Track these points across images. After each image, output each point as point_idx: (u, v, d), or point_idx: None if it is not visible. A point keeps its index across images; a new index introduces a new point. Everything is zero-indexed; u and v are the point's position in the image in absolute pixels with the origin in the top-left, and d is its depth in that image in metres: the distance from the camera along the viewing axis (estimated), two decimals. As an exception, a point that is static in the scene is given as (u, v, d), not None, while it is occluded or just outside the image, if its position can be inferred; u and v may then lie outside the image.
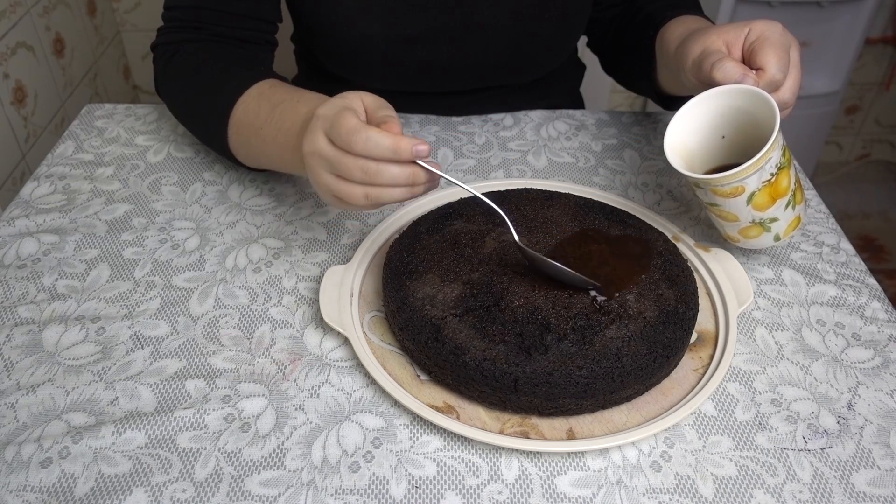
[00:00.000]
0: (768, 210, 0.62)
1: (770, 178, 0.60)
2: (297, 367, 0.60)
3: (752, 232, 0.64)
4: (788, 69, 0.61)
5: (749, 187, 0.60)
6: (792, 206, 0.62)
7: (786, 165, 0.61)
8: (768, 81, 0.61)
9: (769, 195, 0.61)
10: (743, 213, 0.62)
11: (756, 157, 0.58)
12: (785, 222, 0.63)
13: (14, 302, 0.65)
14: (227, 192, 0.78)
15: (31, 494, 0.51)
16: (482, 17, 0.81)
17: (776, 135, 0.58)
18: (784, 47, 0.62)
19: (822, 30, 1.74)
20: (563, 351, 0.54)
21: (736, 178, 0.59)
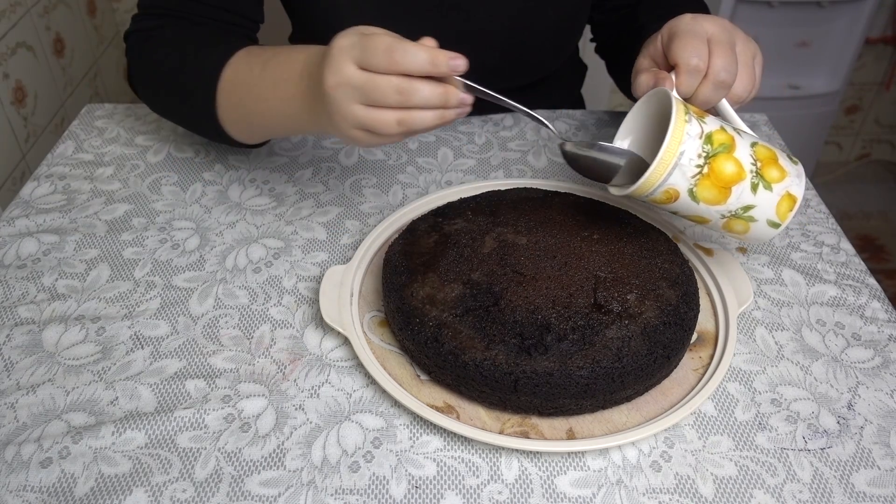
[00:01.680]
0: (730, 201, 0.57)
1: (699, 170, 0.56)
2: (297, 367, 0.60)
3: (737, 226, 0.59)
4: (708, 51, 0.58)
5: (680, 187, 0.56)
6: (764, 186, 0.57)
7: (722, 151, 0.56)
8: (687, 71, 0.58)
9: (714, 187, 0.56)
10: (702, 211, 0.58)
11: (656, 160, 0.55)
12: (769, 206, 0.58)
13: (14, 302, 0.65)
14: (227, 192, 0.78)
15: (31, 494, 0.51)
16: (479, 21, 0.81)
17: (672, 129, 0.54)
18: (693, 33, 0.59)
19: (822, 30, 1.74)
20: (563, 351, 0.54)
21: (650, 185, 0.57)
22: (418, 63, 0.52)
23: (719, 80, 0.59)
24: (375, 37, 0.53)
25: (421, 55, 0.52)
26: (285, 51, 0.64)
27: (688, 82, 0.59)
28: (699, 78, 0.59)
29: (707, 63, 0.59)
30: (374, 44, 0.53)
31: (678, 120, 0.55)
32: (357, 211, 0.76)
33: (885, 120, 2.17)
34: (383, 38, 0.53)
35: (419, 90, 0.53)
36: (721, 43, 0.59)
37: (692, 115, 0.56)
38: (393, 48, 0.52)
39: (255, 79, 0.64)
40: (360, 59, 0.54)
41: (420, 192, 0.78)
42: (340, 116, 0.56)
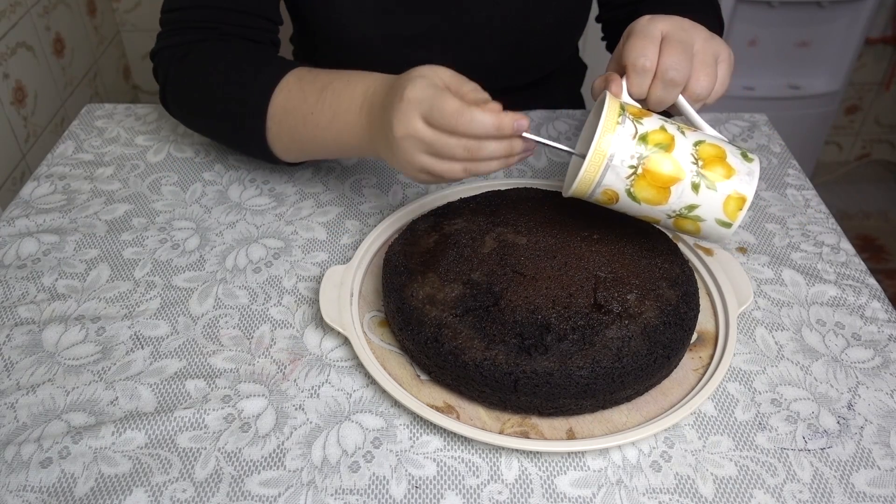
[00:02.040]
0: (671, 200, 0.56)
1: (632, 171, 0.55)
2: (297, 367, 0.60)
3: (687, 226, 0.59)
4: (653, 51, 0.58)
5: (618, 188, 0.56)
6: (707, 186, 0.56)
7: (657, 151, 0.55)
8: (634, 70, 0.58)
9: (651, 187, 0.55)
10: (649, 211, 0.58)
11: (586, 162, 0.55)
12: (714, 205, 0.56)
13: (14, 302, 0.65)
14: (227, 192, 0.78)
15: (31, 494, 0.51)
16: (480, 18, 0.81)
17: (600, 131, 0.54)
18: (642, 33, 0.59)
19: (822, 30, 1.74)
20: (563, 351, 0.54)
21: (585, 187, 0.56)
22: (484, 130, 0.55)
23: (668, 78, 0.58)
24: (445, 98, 0.55)
25: (487, 122, 0.54)
26: (342, 79, 0.65)
27: (637, 82, 0.59)
28: (648, 77, 0.59)
29: (655, 62, 0.58)
30: (443, 106, 0.54)
31: (607, 121, 0.55)
32: (357, 211, 0.76)
33: (885, 120, 2.17)
34: (452, 103, 0.54)
35: (485, 147, 0.56)
36: (672, 42, 0.59)
37: (627, 116, 0.56)
38: (461, 114, 0.54)
39: (311, 107, 0.65)
40: (428, 116, 0.56)
41: (420, 192, 0.78)
42: (407, 163, 0.58)
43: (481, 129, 0.54)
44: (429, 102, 0.55)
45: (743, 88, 1.80)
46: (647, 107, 0.60)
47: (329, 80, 0.65)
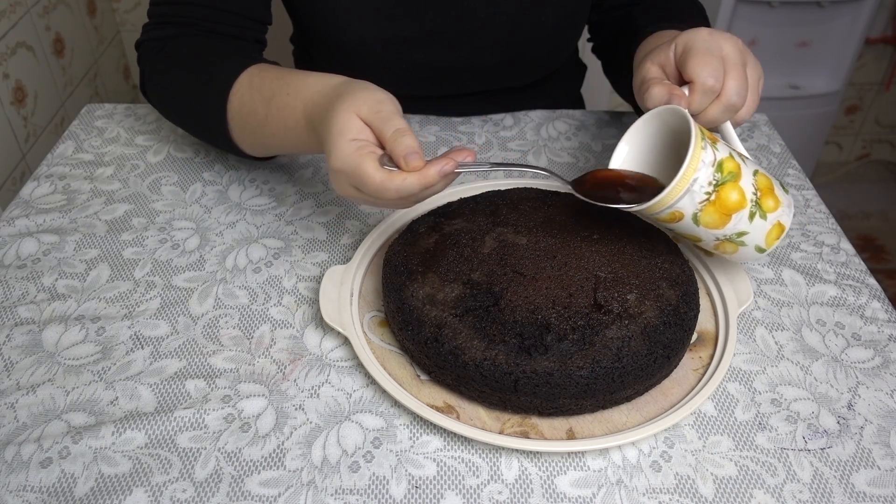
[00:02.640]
0: (727, 226, 0.58)
1: (707, 197, 0.56)
2: (297, 367, 0.60)
3: (727, 248, 0.60)
4: (723, 71, 0.58)
5: (686, 211, 0.57)
6: (760, 216, 0.58)
7: (730, 180, 0.56)
8: (702, 90, 0.58)
9: (717, 213, 0.57)
10: (700, 233, 0.59)
11: (672, 184, 0.55)
12: (760, 234, 0.59)
13: (14, 302, 0.65)
14: (227, 192, 0.78)
15: (31, 494, 0.51)
16: (479, 20, 0.81)
17: (691, 156, 0.54)
18: (709, 51, 0.59)
19: (822, 30, 1.74)
20: (563, 351, 0.54)
21: (660, 206, 0.57)
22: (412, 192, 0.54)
23: (730, 102, 0.59)
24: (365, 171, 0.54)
25: (413, 187, 0.54)
26: (283, 90, 0.64)
27: (700, 101, 0.59)
28: (712, 98, 0.59)
29: (721, 84, 0.59)
30: (365, 182, 0.54)
31: (696, 147, 0.55)
32: (357, 211, 0.76)
33: (885, 120, 2.17)
34: (373, 179, 0.54)
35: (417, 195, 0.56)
36: (736, 65, 0.59)
37: (707, 140, 0.56)
38: (385, 189, 0.54)
39: (262, 118, 0.66)
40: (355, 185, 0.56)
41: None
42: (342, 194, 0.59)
43: (408, 193, 0.54)
44: (352, 175, 0.55)
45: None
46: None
47: (273, 91, 0.65)
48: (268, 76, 0.67)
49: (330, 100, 0.59)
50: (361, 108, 0.56)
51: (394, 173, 0.54)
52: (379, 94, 0.58)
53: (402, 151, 0.54)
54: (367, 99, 0.57)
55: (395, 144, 0.54)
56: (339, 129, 0.56)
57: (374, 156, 0.55)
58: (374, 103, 0.56)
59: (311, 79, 0.63)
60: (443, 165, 0.54)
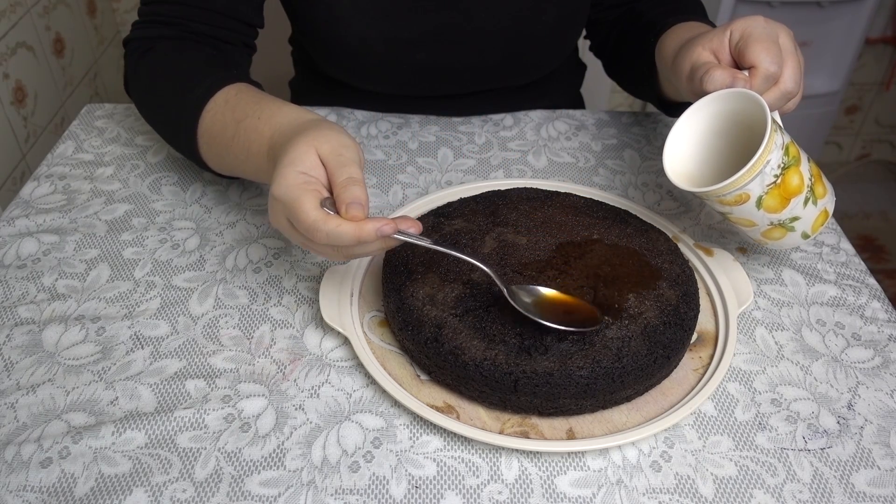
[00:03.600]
0: (784, 211, 0.59)
1: (774, 180, 0.58)
2: (297, 367, 0.60)
3: (775, 234, 0.62)
4: (782, 59, 0.60)
5: (753, 193, 0.58)
6: (812, 201, 0.60)
7: (793, 164, 0.58)
8: (764, 76, 0.59)
9: (780, 197, 0.58)
10: (757, 217, 0.60)
11: (748, 165, 0.56)
12: (809, 219, 0.61)
13: (14, 302, 0.65)
14: (227, 192, 0.78)
15: (31, 494, 0.51)
16: (479, 20, 0.81)
17: (768, 137, 0.56)
18: (771, 38, 0.60)
19: (822, 30, 1.74)
20: (563, 351, 0.54)
21: (732, 187, 0.58)
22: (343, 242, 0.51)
23: (787, 89, 0.60)
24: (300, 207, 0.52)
25: (346, 236, 0.51)
26: (254, 115, 0.63)
27: (761, 87, 0.59)
28: (772, 84, 0.60)
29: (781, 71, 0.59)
30: (300, 218, 0.52)
31: (773, 129, 0.56)
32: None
33: (885, 120, 2.17)
34: (308, 216, 0.51)
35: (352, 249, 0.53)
36: (792, 53, 0.60)
37: (777, 125, 0.58)
38: (313, 231, 0.51)
39: (229, 140, 0.64)
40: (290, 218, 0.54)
41: (420, 192, 0.78)
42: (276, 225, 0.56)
43: (340, 241, 0.51)
44: (289, 207, 0.53)
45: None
46: None
47: (246, 114, 0.64)
48: (244, 98, 0.65)
49: (295, 131, 0.57)
50: (323, 145, 0.55)
51: (330, 217, 0.51)
52: (345, 139, 0.56)
53: (347, 199, 0.52)
54: (332, 139, 0.55)
55: (343, 190, 0.52)
56: (292, 158, 0.54)
57: (318, 194, 0.53)
58: (338, 145, 0.55)
59: (286, 108, 0.62)
60: (382, 225, 0.51)
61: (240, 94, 0.66)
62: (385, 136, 0.86)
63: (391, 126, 0.88)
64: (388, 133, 0.87)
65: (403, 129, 0.88)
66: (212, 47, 0.75)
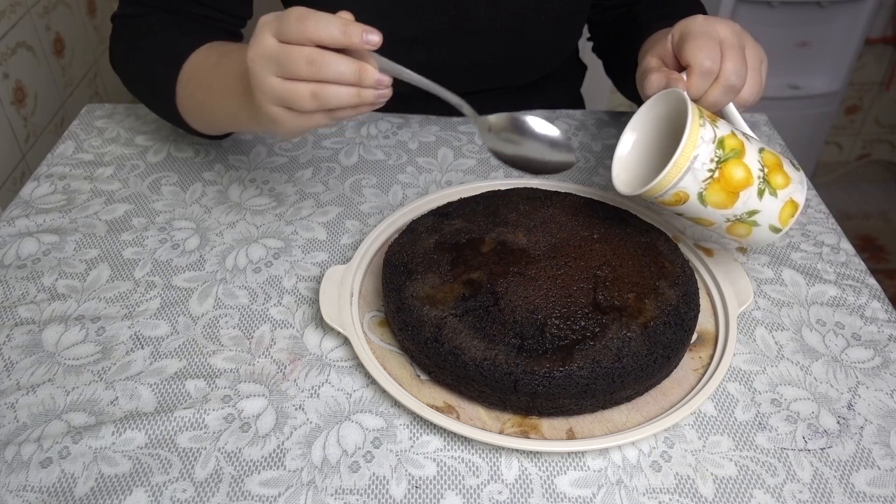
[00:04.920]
0: (736, 205, 0.57)
1: (710, 174, 0.56)
2: (297, 367, 0.60)
3: (739, 230, 0.60)
4: (720, 54, 0.58)
5: (690, 190, 0.57)
6: (770, 192, 0.57)
7: (733, 156, 0.56)
8: (699, 73, 0.58)
9: (723, 191, 0.57)
10: (708, 214, 0.59)
11: (671, 163, 0.55)
12: (772, 212, 0.58)
13: (14, 302, 0.65)
14: (227, 192, 0.78)
15: (31, 494, 0.51)
16: (480, 19, 0.81)
17: (688, 134, 0.55)
18: (707, 35, 0.59)
19: (822, 30, 1.74)
20: (563, 351, 0.54)
21: (662, 188, 0.57)
22: (330, 32, 0.51)
23: (730, 83, 0.59)
24: (292, 8, 0.52)
25: (333, 24, 0.51)
26: (241, 47, 0.64)
27: (699, 84, 0.59)
28: (710, 80, 0.59)
29: (719, 66, 0.59)
30: (289, 13, 0.52)
31: (694, 123, 0.55)
32: (357, 211, 0.76)
33: (885, 120, 2.17)
34: (298, 8, 0.52)
35: (331, 62, 0.52)
36: (733, 46, 0.59)
37: (706, 119, 0.57)
38: (305, 17, 0.51)
39: (208, 72, 0.65)
40: (277, 30, 0.53)
41: (420, 192, 0.78)
42: (259, 91, 0.55)
43: (325, 30, 0.51)
44: (278, 17, 0.53)
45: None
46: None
47: (231, 49, 0.66)
48: (234, 44, 0.68)
49: None
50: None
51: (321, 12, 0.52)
52: None
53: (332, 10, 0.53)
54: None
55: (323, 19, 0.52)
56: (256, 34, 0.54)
57: None
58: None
59: None
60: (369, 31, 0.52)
61: (227, 44, 0.69)
62: (385, 136, 0.86)
63: (391, 126, 0.88)
64: (388, 133, 0.87)
65: (403, 129, 0.88)
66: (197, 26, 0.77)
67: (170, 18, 0.76)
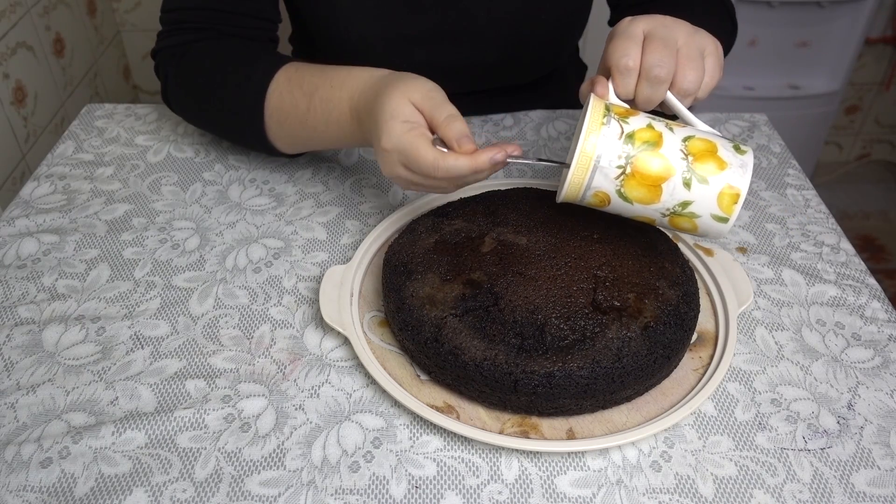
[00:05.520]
0: (663, 198, 0.56)
1: (621, 171, 0.55)
2: (297, 367, 0.60)
3: (683, 223, 0.58)
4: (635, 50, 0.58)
5: (608, 189, 0.56)
6: (699, 181, 0.55)
7: (647, 149, 0.55)
8: (618, 71, 0.58)
9: (642, 186, 0.55)
10: (642, 211, 0.58)
11: (572, 166, 0.55)
12: (708, 200, 0.55)
13: (14, 302, 0.65)
14: (227, 192, 0.78)
15: (31, 494, 0.51)
16: (480, 18, 0.81)
17: (584, 137, 0.54)
18: (625, 35, 0.58)
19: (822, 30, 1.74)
20: (563, 351, 0.54)
21: (574, 191, 0.56)
22: (462, 174, 0.57)
23: (652, 76, 0.57)
24: (419, 150, 0.57)
25: (463, 169, 0.57)
26: (326, 83, 0.67)
27: (622, 83, 0.58)
28: (633, 77, 0.58)
29: (639, 61, 0.58)
30: (419, 160, 0.57)
31: (591, 123, 0.55)
32: (357, 211, 0.76)
33: (885, 120, 2.17)
34: (426, 156, 0.56)
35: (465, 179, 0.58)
36: (654, 39, 0.58)
37: (612, 116, 0.55)
38: (436, 168, 0.57)
39: (303, 113, 0.69)
40: (406, 164, 0.58)
41: (420, 193, 0.78)
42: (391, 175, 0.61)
43: (458, 174, 0.57)
44: (405, 154, 0.58)
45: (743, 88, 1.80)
46: (637, 107, 0.60)
47: (315, 86, 0.68)
48: (307, 72, 0.69)
49: (379, 88, 0.61)
50: (413, 94, 0.59)
51: (446, 154, 0.57)
52: (429, 83, 0.61)
53: (454, 135, 0.57)
54: (419, 87, 0.60)
55: (447, 128, 0.57)
56: (391, 112, 0.58)
57: (427, 137, 0.58)
58: (426, 91, 0.60)
59: (357, 71, 0.66)
60: (494, 153, 0.57)
61: (300, 70, 0.70)
62: (385, 136, 0.86)
63: (391, 126, 0.88)
64: (388, 133, 0.87)
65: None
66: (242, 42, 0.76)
67: (216, 44, 0.75)
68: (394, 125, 0.58)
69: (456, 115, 0.58)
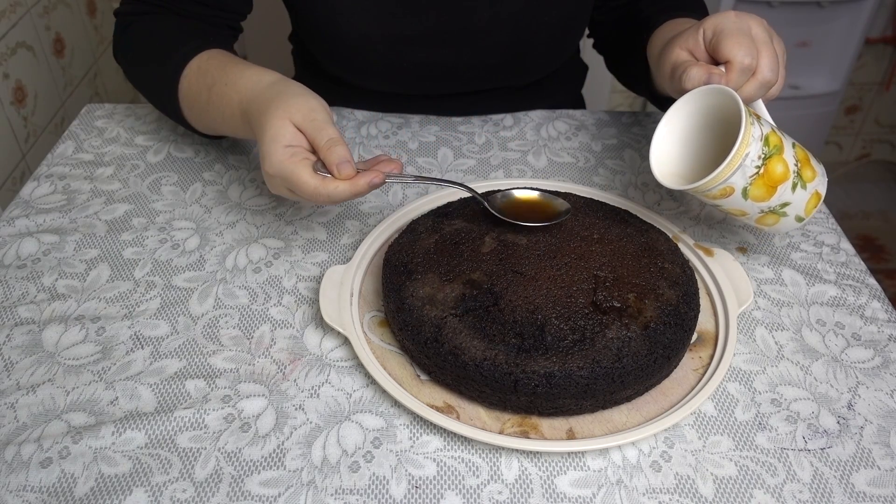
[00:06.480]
0: (772, 199, 0.60)
1: (757, 171, 0.59)
2: (297, 367, 0.60)
3: (768, 220, 0.63)
4: (756, 50, 0.60)
5: (737, 185, 0.59)
6: (801, 186, 0.61)
7: (775, 153, 0.59)
8: (739, 69, 0.60)
9: (765, 186, 0.60)
10: (746, 207, 0.61)
11: (726, 161, 0.57)
12: (801, 203, 0.62)
13: (14, 302, 0.65)
14: (227, 192, 0.78)
15: (31, 494, 0.51)
16: (481, 19, 0.81)
17: (743, 132, 0.57)
18: (742, 31, 0.61)
19: (822, 30, 1.74)
20: (563, 351, 0.54)
21: (713, 183, 0.59)
22: (343, 198, 0.58)
23: (766, 79, 0.61)
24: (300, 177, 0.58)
25: (344, 195, 0.58)
26: (221, 81, 0.68)
27: (738, 80, 0.60)
28: (748, 76, 0.61)
29: (756, 62, 0.60)
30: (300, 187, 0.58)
31: (747, 123, 0.57)
32: (357, 211, 0.76)
33: (885, 120, 2.17)
34: (307, 184, 0.58)
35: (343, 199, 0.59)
36: (766, 43, 0.61)
37: (753, 116, 0.58)
38: (318, 195, 0.58)
39: (205, 104, 0.70)
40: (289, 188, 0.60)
41: (420, 192, 0.78)
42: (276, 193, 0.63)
43: (339, 199, 0.58)
44: (287, 180, 0.59)
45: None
46: None
47: (214, 80, 0.69)
48: (213, 64, 0.70)
49: (263, 100, 0.62)
50: (295, 115, 0.60)
51: (327, 180, 0.58)
52: (312, 101, 0.61)
53: (335, 160, 0.58)
54: (301, 106, 0.60)
55: (328, 153, 0.58)
56: (273, 135, 0.59)
57: (308, 162, 0.58)
58: (308, 111, 0.60)
59: (248, 72, 0.66)
60: (372, 178, 0.58)
61: (210, 59, 0.71)
62: (385, 136, 0.86)
63: (391, 126, 0.88)
64: (388, 133, 0.87)
65: (403, 129, 0.88)
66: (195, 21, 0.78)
67: (169, 18, 0.76)
68: (275, 150, 0.59)
69: (336, 140, 0.59)
